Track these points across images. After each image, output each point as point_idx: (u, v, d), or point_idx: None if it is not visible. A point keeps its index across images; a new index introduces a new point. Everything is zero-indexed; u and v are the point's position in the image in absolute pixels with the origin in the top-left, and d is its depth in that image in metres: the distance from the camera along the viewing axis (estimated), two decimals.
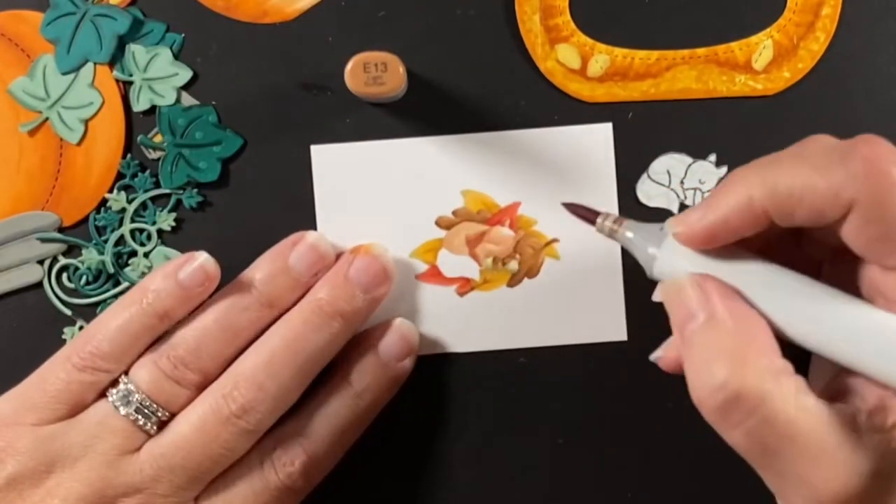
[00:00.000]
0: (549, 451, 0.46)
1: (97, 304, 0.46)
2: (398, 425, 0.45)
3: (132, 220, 0.46)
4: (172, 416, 0.41)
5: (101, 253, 0.46)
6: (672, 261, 0.36)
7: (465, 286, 0.46)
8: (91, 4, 0.46)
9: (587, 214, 0.39)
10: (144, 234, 0.46)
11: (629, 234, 0.38)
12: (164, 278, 0.42)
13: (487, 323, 0.46)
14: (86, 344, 0.41)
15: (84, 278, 0.46)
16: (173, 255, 0.46)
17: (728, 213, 0.34)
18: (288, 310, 0.43)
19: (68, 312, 0.46)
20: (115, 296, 0.46)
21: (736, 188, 0.34)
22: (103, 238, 0.46)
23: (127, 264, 0.46)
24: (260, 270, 0.43)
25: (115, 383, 0.41)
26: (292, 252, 0.43)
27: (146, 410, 0.40)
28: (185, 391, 0.41)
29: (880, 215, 0.32)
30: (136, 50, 0.46)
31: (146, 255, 0.46)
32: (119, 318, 0.42)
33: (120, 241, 0.46)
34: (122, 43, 0.46)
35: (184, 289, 0.42)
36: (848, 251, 0.34)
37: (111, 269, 0.46)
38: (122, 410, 0.40)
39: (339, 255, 0.44)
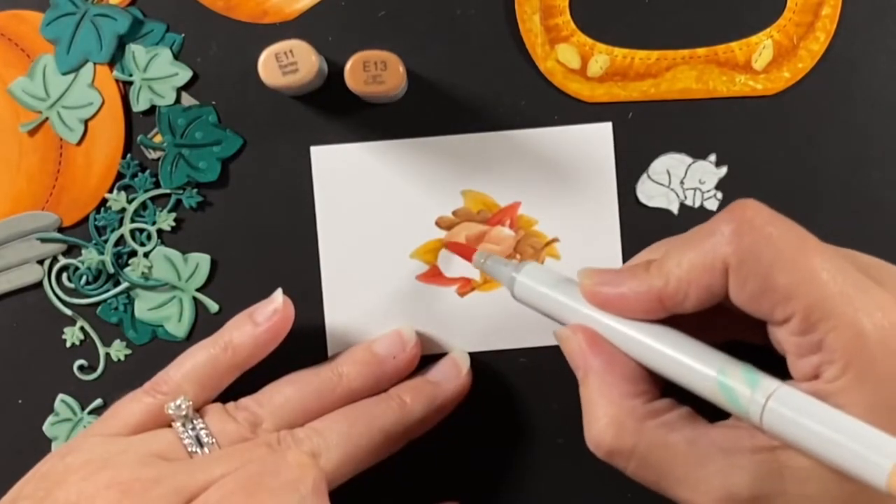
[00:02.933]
0: (549, 451, 0.46)
1: (97, 304, 0.46)
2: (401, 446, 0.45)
3: (132, 220, 0.46)
4: (220, 447, 0.40)
5: (101, 253, 0.46)
6: (530, 285, 0.40)
7: (466, 286, 0.46)
8: (91, 4, 0.46)
9: (464, 252, 0.44)
10: (144, 234, 0.46)
11: (491, 265, 0.42)
12: (240, 318, 0.43)
13: (488, 323, 0.46)
14: (161, 376, 0.42)
15: (84, 278, 0.46)
16: (173, 255, 0.46)
17: (626, 293, 0.37)
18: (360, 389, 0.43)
19: (68, 312, 0.46)
20: (115, 296, 0.46)
21: (639, 275, 0.37)
22: (103, 238, 0.46)
23: (127, 264, 0.46)
24: (343, 351, 0.45)
25: (176, 402, 0.41)
26: (376, 339, 0.44)
27: (199, 434, 0.40)
28: (240, 430, 0.41)
29: (749, 272, 0.34)
30: (136, 50, 0.46)
31: (146, 255, 0.46)
32: (193, 354, 0.43)
33: (120, 240, 0.46)
34: (122, 43, 0.46)
35: (254, 324, 0.43)
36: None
37: (111, 269, 0.46)
38: (177, 423, 0.40)
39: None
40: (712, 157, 0.45)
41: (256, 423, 0.41)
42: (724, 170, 0.45)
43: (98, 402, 0.46)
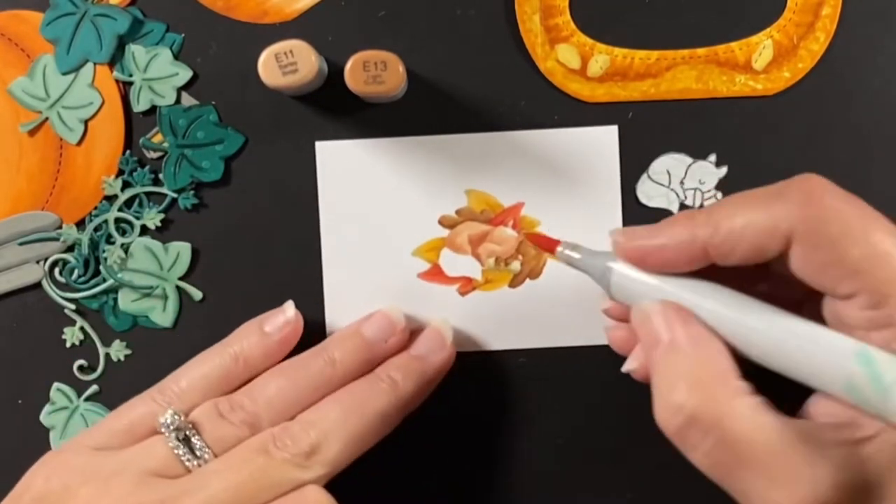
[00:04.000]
0: (549, 452, 0.46)
1: (92, 297, 0.46)
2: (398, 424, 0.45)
3: (120, 210, 0.46)
4: (216, 455, 0.40)
5: (81, 232, 0.46)
6: (627, 279, 0.38)
7: (467, 286, 0.46)
8: (91, 4, 0.46)
9: (547, 244, 0.41)
10: (129, 225, 0.46)
11: (581, 257, 0.40)
12: (250, 327, 0.44)
13: (488, 323, 0.46)
14: (169, 382, 0.42)
15: (75, 272, 0.46)
16: (153, 245, 0.46)
17: (667, 244, 0.36)
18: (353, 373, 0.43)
19: (71, 306, 0.46)
20: (105, 291, 0.46)
21: (681, 224, 0.36)
22: (89, 222, 0.46)
23: (104, 250, 0.46)
24: (332, 337, 0.44)
25: (167, 414, 0.41)
26: (365, 322, 0.44)
27: (189, 443, 0.40)
28: (234, 430, 0.41)
29: (818, 243, 0.33)
30: (136, 50, 0.46)
31: (124, 246, 0.46)
32: (203, 362, 0.43)
33: (103, 227, 0.46)
34: (122, 43, 0.46)
35: (265, 336, 0.43)
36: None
37: (86, 250, 0.46)
38: (168, 439, 0.40)
39: (415, 331, 0.45)
40: (712, 157, 0.45)
41: (253, 423, 0.41)
42: (724, 170, 0.45)
43: (94, 388, 0.47)
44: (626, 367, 0.40)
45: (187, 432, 0.40)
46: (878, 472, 0.33)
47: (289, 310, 0.44)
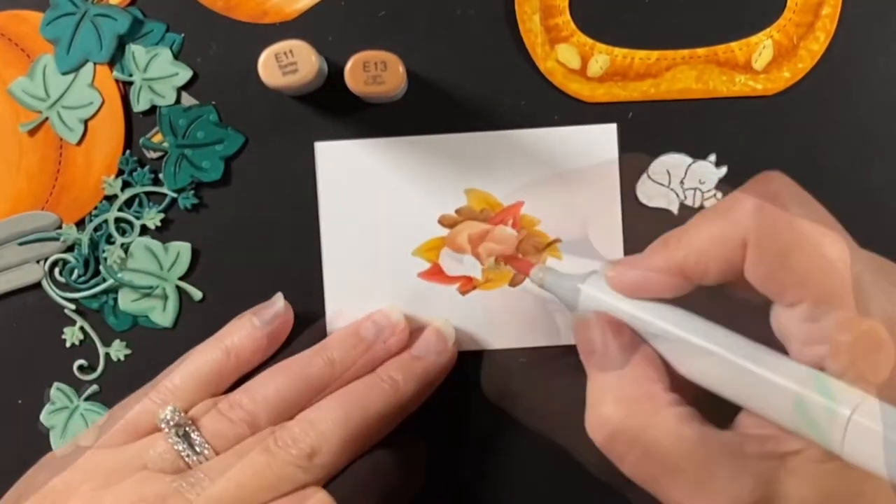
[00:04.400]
0: (548, 451, 0.46)
1: (92, 297, 0.46)
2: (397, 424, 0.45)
3: (120, 210, 0.46)
4: (216, 452, 0.40)
5: (81, 231, 0.46)
6: (594, 300, 0.38)
7: (467, 285, 0.46)
8: (91, 4, 0.46)
9: (523, 267, 0.43)
10: (129, 225, 0.46)
11: (551, 279, 0.40)
12: (241, 321, 0.44)
13: (489, 322, 0.46)
14: (162, 379, 0.43)
15: (75, 272, 0.46)
16: (153, 245, 0.46)
17: (648, 274, 0.36)
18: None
19: (71, 306, 0.46)
20: (105, 291, 0.46)
21: (657, 250, 0.37)
22: (89, 222, 0.46)
23: (104, 249, 0.46)
24: (332, 336, 0.44)
25: (166, 411, 0.41)
26: (364, 322, 0.44)
27: (190, 440, 0.40)
28: (233, 427, 0.41)
29: (768, 249, 0.33)
30: (136, 50, 0.46)
31: (124, 246, 0.46)
32: (195, 357, 0.43)
33: (104, 226, 0.46)
34: (122, 43, 0.46)
35: (255, 328, 0.43)
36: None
37: (86, 250, 0.46)
38: (168, 436, 0.40)
39: (415, 331, 0.45)
40: (712, 157, 0.45)
41: (252, 421, 0.41)
42: (724, 170, 0.45)
43: (94, 388, 0.47)
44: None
45: (187, 428, 0.40)
46: (799, 487, 0.33)
47: (278, 301, 0.44)
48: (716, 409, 0.35)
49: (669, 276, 0.36)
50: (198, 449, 0.40)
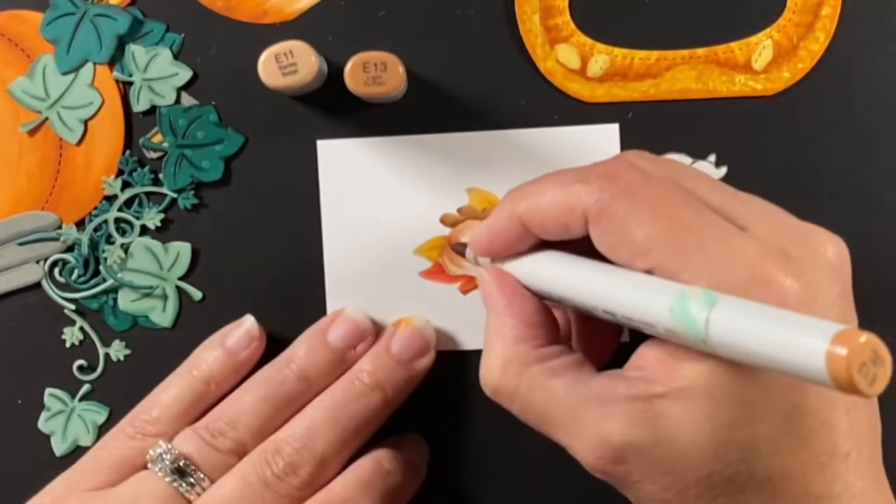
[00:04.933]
0: (548, 451, 0.46)
1: (92, 297, 0.46)
2: (396, 422, 0.45)
3: (120, 210, 0.46)
4: (212, 482, 0.41)
5: (81, 231, 0.46)
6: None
7: (469, 284, 0.46)
8: (91, 4, 0.46)
9: (460, 249, 0.43)
10: (129, 225, 0.46)
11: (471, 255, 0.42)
12: (212, 347, 0.44)
13: None
14: (139, 413, 0.43)
15: (75, 272, 0.46)
16: (153, 245, 0.46)
17: (496, 229, 0.39)
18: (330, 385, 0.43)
19: (71, 306, 0.46)
20: (105, 291, 0.46)
21: (504, 203, 0.38)
22: (89, 222, 0.46)
23: (104, 250, 0.46)
24: (300, 346, 0.44)
25: (158, 448, 0.41)
26: (331, 326, 0.44)
27: (185, 474, 0.40)
28: (225, 458, 0.41)
29: (609, 224, 0.34)
30: (135, 50, 0.46)
31: (124, 246, 0.46)
32: (171, 388, 0.43)
33: (103, 227, 0.46)
34: (121, 43, 0.46)
35: (231, 354, 0.43)
36: None
37: (86, 250, 0.46)
38: (161, 473, 0.40)
39: (380, 330, 0.45)
40: (712, 157, 0.45)
41: (238, 450, 0.41)
42: (723, 170, 0.45)
43: (86, 387, 0.46)
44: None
45: (180, 464, 0.40)
46: (667, 427, 0.33)
47: (247, 321, 0.44)
48: None
49: (514, 226, 0.38)
50: (195, 483, 0.40)
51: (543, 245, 0.39)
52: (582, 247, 0.37)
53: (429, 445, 0.46)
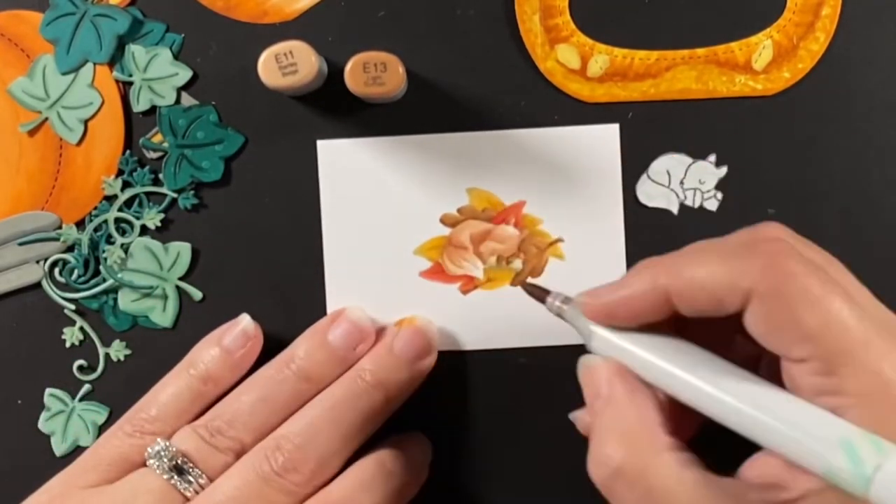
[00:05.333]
0: (549, 452, 0.46)
1: (92, 296, 0.46)
2: (397, 422, 0.45)
3: (120, 210, 0.46)
4: (211, 480, 0.41)
5: (81, 231, 0.46)
6: (605, 337, 0.38)
7: (469, 284, 0.46)
8: (91, 4, 0.46)
9: (539, 294, 0.41)
10: (129, 225, 0.46)
11: (572, 312, 0.40)
12: (209, 345, 0.44)
13: (490, 322, 0.46)
14: (138, 412, 0.43)
15: (75, 272, 0.46)
16: (153, 245, 0.46)
17: (632, 294, 0.37)
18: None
19: (71, 306, 0.46)
20: (105, 291, 0.46)
21: (644, 272, 0.37)
22: (89, 222, 0.46)
23: (104, 250, 0.46)
24: (300, 346, 0.44)
25: (156, 446, 0.41)
26: (331, 326, 0.44)
27: (183, 472, 0.40)
28: (223, 457, 0.41)
29: (775, 305, 0.33)
30: (135, 50, 0.46)
31: (124, 246, 0.46)
32: (169, 387, 0.43)
33: (103, 226, 0.46)
34: (121, 43, 0.46)
35: (228, 353, 0.43)
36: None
37: (86, 250, 0.46)
38: (160, 471, 0.40)
39: (381, 330, 0.45)
40: (712, 158, 0.45)
41: (237, 449, 0.41)
42: (724, 170, 0.45)
43: (86, 387, 0.46)
44: (573, 415, 0.42)
45: (178, 461, 0.40)
46: None
47: (243, 320, 0.44)
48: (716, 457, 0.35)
49: (652, 297, 0.36)
50: (193, 481, 0.40)
51: (663, 327, 0.37)
52: (701, 330, 0.36)
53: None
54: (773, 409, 0.34)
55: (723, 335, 0.38)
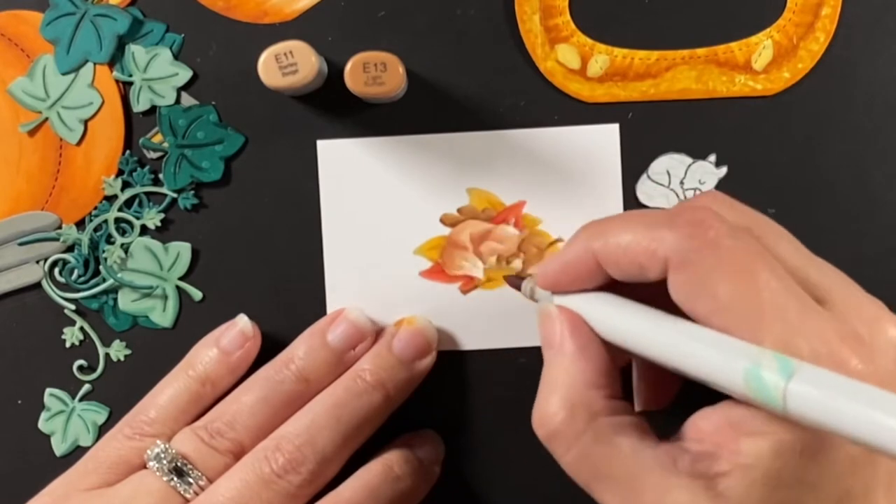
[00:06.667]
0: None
1: (92, 296, 0.46)
2: (397, 422, 0.45)
3: (120, 210, 0.46)
4: (211, 482, 0.41)
5: (81, 232, 0.46)
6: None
7: (469, 284, 0.46)
8: (91, 4, 0.46)
9: (515, 282, 0.42)
10: (129, 225, 0.46)
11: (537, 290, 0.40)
12: (207, 347, 0.44)
13: (489, 321, 0.46)
14: (137, 414, 0.43)
15: (75, 272, 0.46)
16: (153, 245, 0.46)
17: (568, 260, 0.37)
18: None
19: (71, 306, 0.46)
20: (105, 291, 0.46)
21: (579, 237, 0.37)
22: (89, 222, 0.46)
23: (104, 250, 0.46)
24: (299, 346, 0.44)
25: (156, 448, 0.41)
26: (330, 327, 0.44)
27: (183, 473, 0.40)
28: (223, 458, 0.41)
29: (690, 274, 0.33)
30: (135, 50, 0.46)
31: (124, 246, 0.46)
32: (168, 389, 0.43)
33: (103, 226, 0.46)
34: (121, 43, 0.46)
35: (226, 354, 0.44)
36: None
37: (86, 250, 0.46)
38: (159, 473, 0.40)
39: (380, 331, 0.45)
40: (712, 158, 0.46)
41: (237, 450, 0.41)
42: (724, 170, 0.46)
43: (86, 387, 0.46)
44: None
45: (178, 463, 0.40)
46: None
47: (241, 321, 0.44)
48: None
49: (586, 262, 0.36)
50: (193, 482, 0.40)
51: (605, 287, 0.38)
52: (644, 292, 0.36)
53: None
54: (686, 339, 0.34)
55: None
